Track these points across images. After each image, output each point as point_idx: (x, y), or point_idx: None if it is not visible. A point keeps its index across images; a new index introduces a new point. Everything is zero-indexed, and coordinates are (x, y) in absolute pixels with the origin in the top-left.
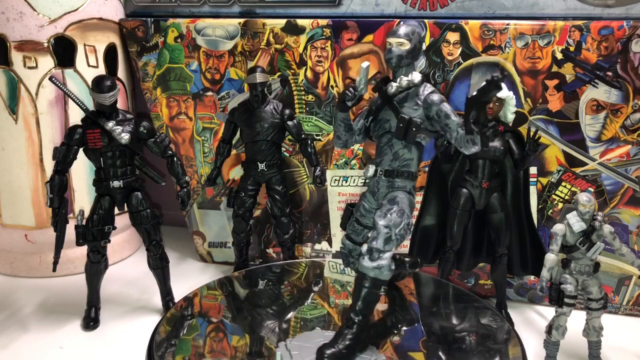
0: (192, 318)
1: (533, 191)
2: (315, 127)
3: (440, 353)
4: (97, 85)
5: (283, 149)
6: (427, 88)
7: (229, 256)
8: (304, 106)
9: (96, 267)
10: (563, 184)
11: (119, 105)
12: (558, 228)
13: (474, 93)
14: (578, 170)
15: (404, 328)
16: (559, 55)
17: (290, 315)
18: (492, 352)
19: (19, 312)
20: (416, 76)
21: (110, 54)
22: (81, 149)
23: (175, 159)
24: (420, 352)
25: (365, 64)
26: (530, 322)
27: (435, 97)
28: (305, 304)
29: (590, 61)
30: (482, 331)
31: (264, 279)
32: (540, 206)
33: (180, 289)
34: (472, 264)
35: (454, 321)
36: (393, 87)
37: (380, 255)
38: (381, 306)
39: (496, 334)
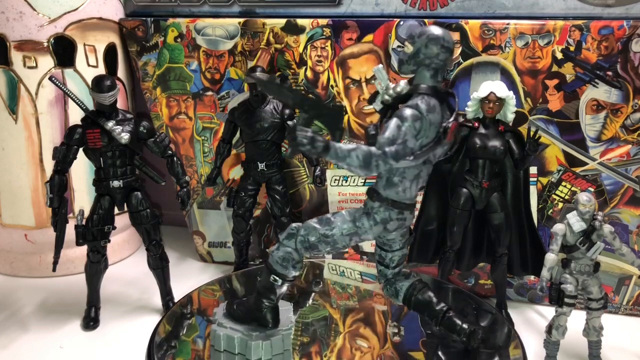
0: (192, 317)
1: (533, 191)
2: (315, 126)
3: (440, 353)
4: (97, 85)
5: (283, 148)
6: (414, 100)
7: (229, 256)
8: None
9: (96, 267)
10: (563, 183)
11: (119, 105)
12: (558, 228)
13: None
14: (578, 170)
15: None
16: (559, 55)
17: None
18: (492, 352)
19: (19, 312)
20: (402, 85)
21: (110, 53)
22: (81, 149)
23: (175, 158)
24: (420, 351)
25: (378, 67)
26: (530, 322)
27: (403, 111)
28: (307, 305)
29: (591, 61)
30: (482, 331)
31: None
32: (540, 206)
33: (180, 289)
34: (472, 264)
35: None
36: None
37: (278, 245)
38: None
39: (496, 334)
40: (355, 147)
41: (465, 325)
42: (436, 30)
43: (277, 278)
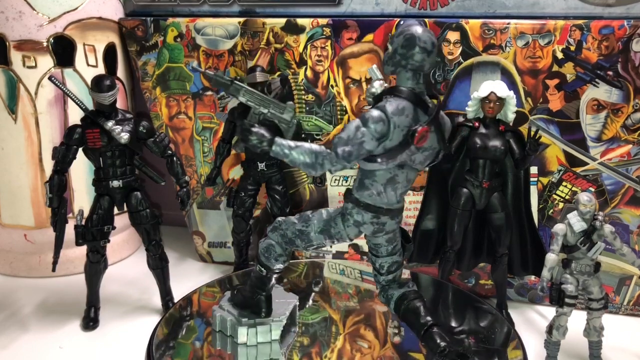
0: (191, 319)
1: (534, 191)
2: (315, 126)
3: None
4: (97, 85)
5: None
6: (384, 102)
7: (229, 256)
8: (304, 106)
9: (96, 267)
10: (564, 183)
11: (119, 105)
12: (559, 228)
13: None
14: (579, 170)
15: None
16: (560, 55)
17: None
18: (492, 352)
19: (19, 312)
20: (376, 86)
21: (109, 53)
22: (80, 149)
23: (174, 158)
24: (420, 353)
25: (372, 67)
26: (530, 322)
27: (368, 112)
28: (307, 306)
29: (591, 60)
30: (483, 331)
31: None
32: (540, 206)
33: (179, 289)
34: (472, 264)
35: (454, 321)
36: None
37: (264, 237)
38: None
39: (496, 334)
40: (301, 145)
41: (442, 344)
42: (414, 30)
43: (262, 268)
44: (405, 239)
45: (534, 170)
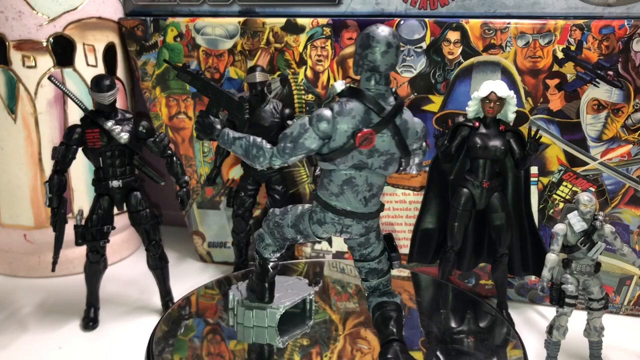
0: (190, 318)
1: (534, 191)
2: None
3: (440, 353)
4: (96, 85)
5: None
6: (334, 102)
7: (229, 256)
8: (304, 105)
9: (95, 267)
10: (564, 183)
11: (118, 105)
12: (559, 228)
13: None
14: (579, 169)
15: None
16: (560, 55)
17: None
18: (492, 353)
19: (18, 312)
20: (337, 86)
21: (109, 53)
22: (80, 149)
23: (174, 158)
24: (420, 351)
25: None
26: (531, 322)
27: (319, 111)
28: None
29: (591, 60)
30: (483, 331)
31: None
32: (541, 206)
33: (179, 289)
34: (472, 264)
35: (454, 321)
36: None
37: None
38: None
39: (497, 334)
40: (243, 137)
41: (390, 358)
42: (371, 30)
43: (257, 256)
44: (390, 248)
45: (534, 170)
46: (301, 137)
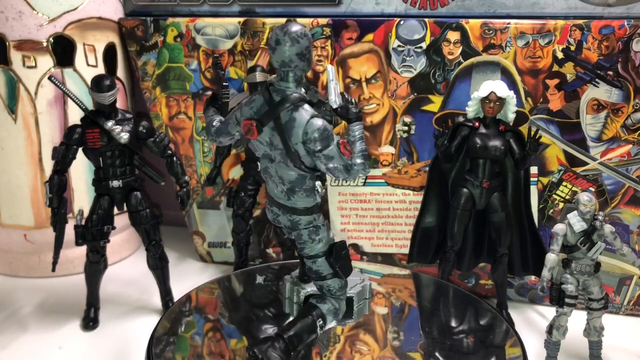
0: (190, 315)
1: (534, 191)
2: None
3: (439, 353)
4: (97, 85)
5: None
6: None
7: (229, 256)
8: None
9: (95, 267)
10: (564, 183)
11: (119, 105)
12: (559, 228)
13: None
14: (579, 169)
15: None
16: (560, 55)
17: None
18: (492, 352)
19: (18, 312)
20: (329, 69)
21: (109, 53)
22: (80, 149)
23: (174, 158)
24: (418, 352)
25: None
26: (530, 322)
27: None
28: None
29: (591, 60)
30: (483, 331)
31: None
32: (541, 206)
33: (179, 289)
34: (472, 264)
35: (454, 321)
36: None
37: None
38: None
39: (496, 334)
40: (207, 114)
41: (255, 350)
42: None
43: None
44: (337, 258)
45: (534, 170)
46: (228, 120)
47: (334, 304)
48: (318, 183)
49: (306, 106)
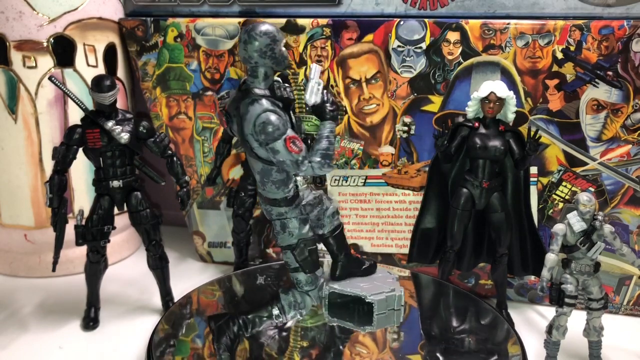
0: (191, 317)
1: (533, 191)
2: (314, 126)
3: (439, 353)
4: (97, 85)
5: None
6: None
7: (229, 256)
8: (304, 106)
9: (96, 267)
10: (563, 183)
11: (119, 105)
12: (558, 228)
13: None
14: (578, 170)
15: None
16: (560, 55)
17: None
18: (492, 352)
19: (18, 312)
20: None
21: (109, 53)
22: (81, 149)
23: (174, 158)
24: (418, 353)
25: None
26: (530, 322)
27: None
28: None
29: (591, 61)
30: (482, 331)
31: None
32: (540, 206)
33: (179, 289)
34: (472, 264)
35: (454, 321)
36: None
37: None
38: None
39: (496, 334)
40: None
41: (212, 324)
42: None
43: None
44: (295, 247)
45: (534, 170)
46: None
47: (296, 297)
48: (299, 179)
49: (263, 101)
